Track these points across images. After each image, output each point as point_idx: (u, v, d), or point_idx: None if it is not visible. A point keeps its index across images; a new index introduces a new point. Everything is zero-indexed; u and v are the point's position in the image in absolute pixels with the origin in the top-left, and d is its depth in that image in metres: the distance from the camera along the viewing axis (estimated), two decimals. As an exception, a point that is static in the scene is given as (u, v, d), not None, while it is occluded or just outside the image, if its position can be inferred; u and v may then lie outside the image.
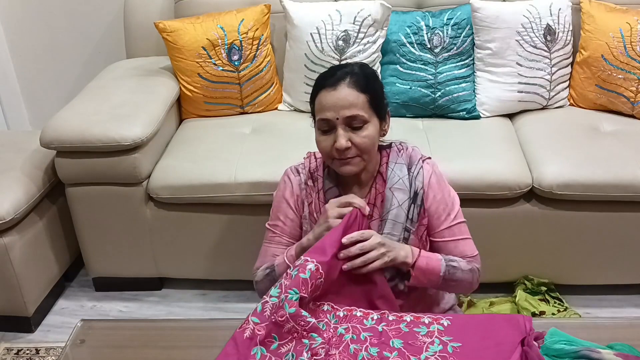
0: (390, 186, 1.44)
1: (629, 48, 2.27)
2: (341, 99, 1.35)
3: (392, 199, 1.43)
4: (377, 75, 1.47)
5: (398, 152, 1.48)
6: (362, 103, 1.36)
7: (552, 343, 1.17)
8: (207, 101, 2.41)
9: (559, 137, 2.21)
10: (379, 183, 1.46)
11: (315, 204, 1.48)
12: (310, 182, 1.49)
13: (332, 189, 1.48)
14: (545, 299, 2.15)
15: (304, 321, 1.16)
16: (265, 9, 2.41)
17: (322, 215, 1.38)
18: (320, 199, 1.47)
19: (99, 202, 2.15)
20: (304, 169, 1.52)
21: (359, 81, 1.37)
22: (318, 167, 1.50)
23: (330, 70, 1.43)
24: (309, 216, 1.49)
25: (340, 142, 1.35)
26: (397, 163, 1.46)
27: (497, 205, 2.07)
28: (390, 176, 1.45)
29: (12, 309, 2.12)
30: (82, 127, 2.06)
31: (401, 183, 1.44)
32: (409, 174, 1.45)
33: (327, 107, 1.36)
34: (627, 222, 2.08)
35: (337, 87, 1.36)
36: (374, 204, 1.45)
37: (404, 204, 1.43)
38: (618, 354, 1.12)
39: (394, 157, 1.47)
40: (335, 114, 1.35)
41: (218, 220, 2.16)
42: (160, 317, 2.21)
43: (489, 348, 1.16)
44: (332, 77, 1.38)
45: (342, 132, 1.35)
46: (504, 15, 2.30)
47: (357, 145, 1.37)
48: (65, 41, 2.90)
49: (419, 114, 2.39)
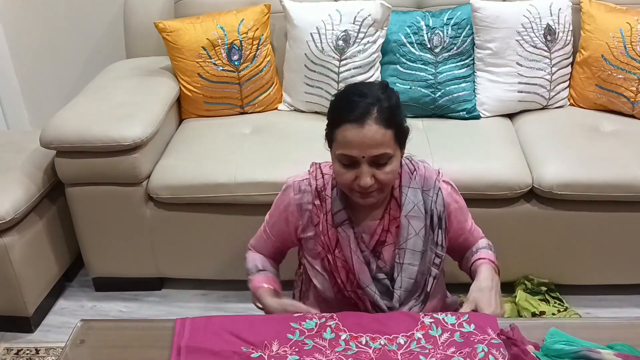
0: (406, 214, 1.40)
1: (629, 48, 2.27)
2: (369, 137, 1.25)
3: (409, 227, 1.40)
4: (399, 100, 1.34)
5: (410, 174, 1.42)
6: (389, 140, 1.28)
7: (552, 343, 1.17)
8: (207, 101, 2.41)
9: (559, 137, 2.21)
10: (392, 208, 1.41)
11: (323, 226, 1.41)
12: (317, 202, 1.42)
13: (342, 211, 1.41)
14: (545, 299, 2.15)
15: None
16: (265, 9, 2.41)
17: (283, 304, 1.39)
18: (329, 221, 1.41)
19: (99, 202, 2.15)
20: (308, 186, 1.44)
21: (385, 115, 1.27)
22: (325, 185, 1.43)
23: (351, 98, 1.30)
24: (315, 238, 1.43)
25: (365, 181, 1.28)
26: (411, 187, 1.41)
27: (497, 205, 2.07)
28: (405, 203, 1.40)
29: (12, 309, 2.12)
30: (82, 127, 2.06)
31: (416, 210, 1.40)
32: (424, 196, 1.41)
33: (353, 144, 1.27)
34: (627, 222, 2.08)
35: (363, 125, 1.25)
36: (388, 230, 1.41)
37: (420, 232, 1.40)
38: (618, 354, 1.12)
39: (407, 180, 1.41)
40: (362, 153, 1.27)
41: (218, 220, 2.15)
42: (160, 317, 2.21)
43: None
44: (356, 109, 1.27)
45: (366, 169, 1.28)
46: (504, 15, 2.30)
47: (380, 182, 1.31)
48: (65, 41, 2.89)
49: (419, 114, 2.39)
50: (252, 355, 1.17)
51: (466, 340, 1.19)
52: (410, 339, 1.21)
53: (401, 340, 1.20)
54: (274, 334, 1.21)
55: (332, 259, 1.41)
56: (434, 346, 1.18)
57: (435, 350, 1.18)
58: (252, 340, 1.20)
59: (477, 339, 1.19)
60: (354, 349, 1.19)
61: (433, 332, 1.21)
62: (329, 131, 1.35)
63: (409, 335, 1.22)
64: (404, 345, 1.19)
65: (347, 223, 1.41)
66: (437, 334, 1.21)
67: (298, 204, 1.44)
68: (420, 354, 1.17)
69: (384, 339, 1.21)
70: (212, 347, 1.18)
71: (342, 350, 1.19)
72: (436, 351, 1.17)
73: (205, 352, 1.17)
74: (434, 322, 1.24)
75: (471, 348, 1.17)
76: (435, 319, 1.25)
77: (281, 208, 1.49)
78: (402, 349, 1.19)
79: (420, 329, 1.23)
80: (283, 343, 1.20)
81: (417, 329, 1.23)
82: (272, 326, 1.24)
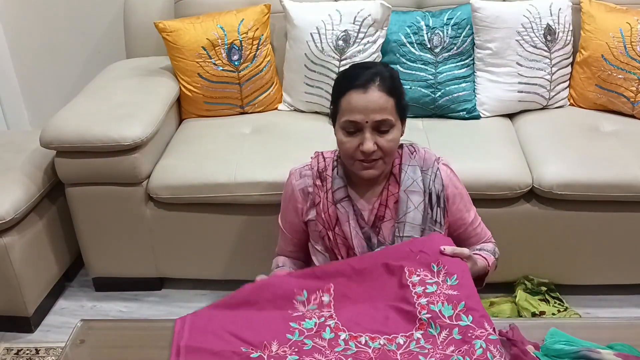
0: (405, 188, 1.43)
1: (629, 48, 2.27)
2: (372, 102, 1.33)
3: (408, 201, 1.42)
4: (399, 78, 1.45)
5: (410, 154, 1.47)
6: (391, 107, 1.35)
7: (552, 343, 1.17)
8: (207, 101, 2.41)
9: (559, 137, 2.21)
10: (391, 184, 1.45)
11: (324, 204, 1.46)
12: (318, 182, 1.47)
13: (342, 188, 1.46)
14: (545, 299, 2.15)
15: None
16: (265, 9, 2.41)
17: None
18: (329, 199, 1.45)
19: (99, 202, 2.15)
20: (310, 169, 1.50)
21: (388, 84, 1.35)
22: (327, 166, 1.48)
23: (355, 70, 1.40)
24: (316, 217, 1.47)
25: (368, 146, 1.34)
26: (410, 165, 1.45)
27: (497, 205, 2.07)
28: (404, 178, 1.44)
29: (12, 309, 2.12)
30: (82, 127, 2.06)
31: (416, 185, 1.43)
32: (423, 175, 1.44)
33: (358, 109, 1.34)
34: (627, 222, 2.08)
35: (367, 90, 1.34)
36: (386, 205, 1.44)
37: (419, 206, 1.43)
38: (618, 354, 1.12)
39: (407, 159, 1.46)
40: (365, 117, 1.33)
41: (218, 220, 2.15)
42: (160, 317, 2.21)
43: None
44: (361, 77, 1.35)
45: (369, 135, 1.34)
46: (504, 15, 2.30)
47: (382, 149, 1.36)
48: (65, 41, 2.90)
49: (419, 114, 2.39)
50: (252, 356, 1.17)
51: (464, 336, 1.19)
52: (410, 339, 1.21)
53: (400, 340, 1.20)
54: (274, 334, 1.21)
55: (332, 236, 1.45)
56: (433, 346, 1.18)
57: (435, 350, 1.18)
58: (251, 341, 1.20)
59: (474, 335, 1.19)
60: (353, 349, 1.19)
61: (432, 330, 1.21)
62: (333, 106, 1.42)
63: (408, 335, 1.22)
64: (404, 345, 1.19)
65: (346, 199, 1.44)
66: (435, 332, 1.21)
67: (300, 189, 1.49)
68: (419, 354, 1.17)
69: (384, 338, 1.21)
70: (211, 347, 1.18)
71: (341, 350, 1.19)
72: (435, 351, 1.17)
73: (204, 352, 1.17)
74: (431, 318, 1.22)
75: (469, 345, 1.17)
76: (432, 313, 1.23)
77: (287, 198, 1.53)
78: (401, 349, 1.19)
79: (419, 327, 1.22)
80: (282, 343, 1.20)
81: (415, 328, 1.23)
82: (271, 326, 1.24)
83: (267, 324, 1.25)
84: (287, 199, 1.54)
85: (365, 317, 1.27)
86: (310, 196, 1.48)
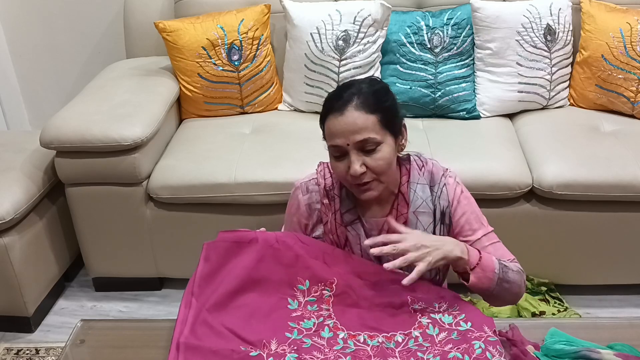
0: (414, 210, 1.38)
1: (629, 48, 2.27)
2: (349, 123, 1.27)
3: (417, 223, 1.38)
4: (388, 90, 1.36)
5: (419, 169, 1.41)
6: (373, 124, 1.28)
7: (552, 343, 1.17)
8: (207, 101, 2.41)
9: (559, 137, 2.21)
10: (400, 204, 1.39)
11: (331, 224, 1.40)
12: (326, 201, 1.42)
13: (351, 210, 1.40)
14: (545, 299, 2.15)
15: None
16: (265, 9, 2.41)
17: None
18: (337, 220, 1.40)
19: (99, 202, 2.15)
20: (316, 185, 1.44)
21: (367, 101, 1.29)
22: (334, 184, 1.42)
23: (337, 91, 1.35)
24: (324, 236, 1.42)
25: (354, 169, 1.27)
26: (419, 183, 1.39)
27: (497, 205, 2.07)
28: (413, 199, 1.38)
29: (12, 309, 2.12)
30: (82, 127, 2.06)
31: (425, 206, 1.39)
32: (432, 194, 1.39)
33: (337, 133, 1.29)
34: (627, 222, 2.08)
35: (344, 112, 1.28)
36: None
37: (429, 228, 1.39)
38: (618, 354, 1.12)
39: (415, 177, 1.40)
40: (346, 140, 1.28)
41: (218, 220, 2.15)
42: (160, 317, 2.22)
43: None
44: (339, 99, 1.30)
45: (355, 157, 1.28)
46: (504, 15, 2.30)
47: (372, 169, 1.29)
48: (65, 41, 2.90)
49: (419, 114, 2.39)
50: (251, 354, 1.17)
51: (463, 337, 1.19)
52: (408, 337, 1.21)
53: (399, 338, 1.21)
54: (273, 333, 1.21)
55: None
56: (431, 344, 1.19)
57: (433, 347, 1.18)
58: (250, 339, 1.20)
59: (474, 336, 1.19)
60: (352, 347, 1.19)
61: (430, 331, 1.22)
62: (322, 129, 1.37)
63: (406, 333, 1.22)
64: (402, 343, 1.20)
65: (356, 222, 1.40)
66: (434, 332, 1.21)
67: (307, 204, 1.44)
68: (418, 351, 1.17)
69: (382, 337, 1.21)
70: (210, 346, 1.18)
71: (340, 348, 1.19)
72: (434, 348, 1.17)
73: (204, 350, 1.17)
74: (431, 323, 1.24)
75: (468, 344, 1.17)
76: (432, 319, 1.24)
77: (292, 212, 1.48)
78: (399, 346, 1.19)
79: (417, 327, 1.23)
80: (281, 342, 1.20)
81: (414, 327, 1.23)
82: (270, 325, 1.24)
83: (266, 323, 1.25)
84: (292, 213, 1.48)
85: (364, 316, 1.27)
86: (317, 212, 1.44)
